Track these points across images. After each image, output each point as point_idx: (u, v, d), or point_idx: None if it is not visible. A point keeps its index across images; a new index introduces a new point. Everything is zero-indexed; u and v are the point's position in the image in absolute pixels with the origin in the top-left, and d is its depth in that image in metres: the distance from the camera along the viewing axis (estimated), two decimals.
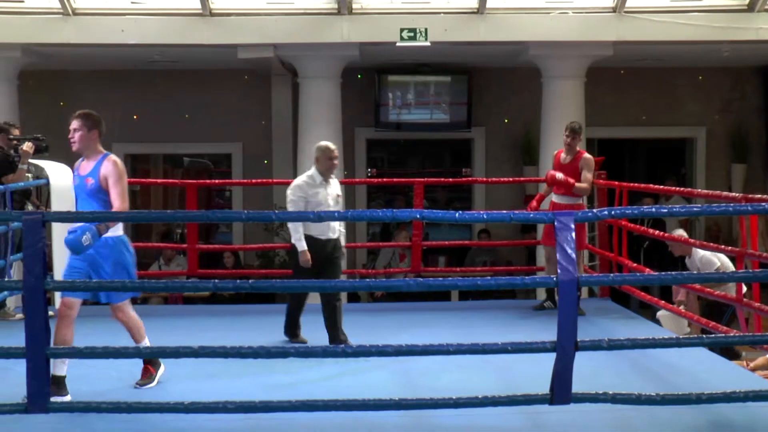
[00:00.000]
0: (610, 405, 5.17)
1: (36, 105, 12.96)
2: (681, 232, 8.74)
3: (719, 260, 8.49)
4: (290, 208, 7.22)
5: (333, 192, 7.32)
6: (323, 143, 7.44)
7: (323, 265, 7.11)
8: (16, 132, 8.62)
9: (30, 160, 8.52)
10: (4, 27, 11.04)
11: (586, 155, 8.85)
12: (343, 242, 7.51)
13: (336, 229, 7.26)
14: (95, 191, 5.67)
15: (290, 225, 7.22)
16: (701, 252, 8.48)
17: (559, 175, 8.63)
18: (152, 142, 14.28)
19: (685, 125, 14.25)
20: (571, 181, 8.59)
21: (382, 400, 5.05)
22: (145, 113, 13.91)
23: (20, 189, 8.40)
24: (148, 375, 5.83)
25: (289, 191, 7.31)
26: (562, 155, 8.91)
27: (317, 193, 7.19)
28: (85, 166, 5.78)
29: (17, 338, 5.07)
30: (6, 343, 5.29)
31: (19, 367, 4.95)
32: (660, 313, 8.92)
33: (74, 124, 5.76)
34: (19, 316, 7.91)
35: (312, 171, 7.31)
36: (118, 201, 5.66)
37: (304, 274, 6.86)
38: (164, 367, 5.90)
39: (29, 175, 8.59)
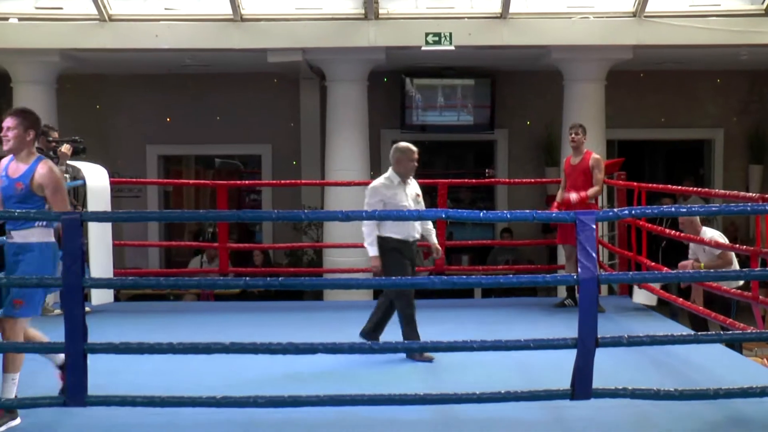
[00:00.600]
0: (630, 400, 5.16)
1: (73, 108, 13.06)
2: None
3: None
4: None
5: (412, 192, 7.03)
6: (404, 144, 7.13)
7: (412, 266, 6.93)
8: (55, 135, 8.68)
9: (68, 162, 8.59)
10: (44, 33, 11.13)
11: (595, 155, 8.86)
12: (434, 240, 7.23)
13: (417, 229, 6.94)
14: (26, 196, 5.10)
15: (364, 229, 6.89)
16: (709, 232, 8.34)
17: (573, 197, 8.63)
18: (184, 144, 14.35)
19: (703, 127, 14.18)
20: (584, 195, 8.60)
21: (407, 395, 5.07)
22: (178, 116, 13.99)
23: None
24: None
25: (367, 194, 7.02)
26: (572, 159, 8.93)
27: (395, 194, 6.92)
28: (15, 168, 5.15)
29: (56, 333, 5.11)
30: (46, 338, 5.35)
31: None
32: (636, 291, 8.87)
33: (9, 121, 5.17)
34: (58, 311, 7.98)
35: (389, 173, 7.03)
36: (62, 209, 5.13)
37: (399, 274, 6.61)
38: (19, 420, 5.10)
39: (67, 176, 8.64)
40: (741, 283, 7.61)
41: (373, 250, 6.78)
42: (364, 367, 6.18)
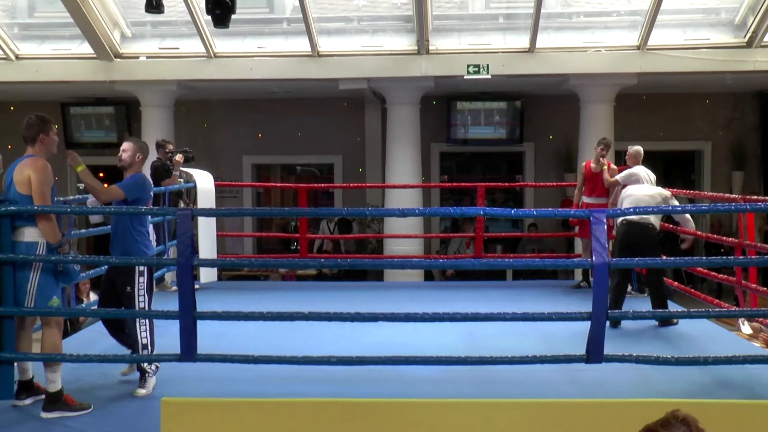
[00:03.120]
0: (634, 364, 5.09)
1: (187, 126, 13.25)
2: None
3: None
4: (674, 202, 7.08)
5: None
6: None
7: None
8: (170, 147, 8.82)
9: (181, 168, 8.72)
10: (165, 68, 11.31)
11: (612, 165, 8.78)
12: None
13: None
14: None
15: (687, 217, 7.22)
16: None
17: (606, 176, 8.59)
18: (272, 155, 14.45)
19: (694, 140, 13.93)
20: (612, 169, 8.60)
21: (452, 357, 5.07)
22: (267, 132, 14.10)
23: (175, 190, 8.62)
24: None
25: (668, 195, 7.10)
26: (592, 165, 8.81)
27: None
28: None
29: (172, 305, 5.19)
30: (164, 308, 5.46)
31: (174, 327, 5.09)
32: None
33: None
34: (174, 288, 8.11)
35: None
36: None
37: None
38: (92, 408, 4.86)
39: (181, 179, 8.78)
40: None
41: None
42: (416, 334, 6.20)
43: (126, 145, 5.37)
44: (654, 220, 6.90)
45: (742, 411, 4.03)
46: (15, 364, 4.95)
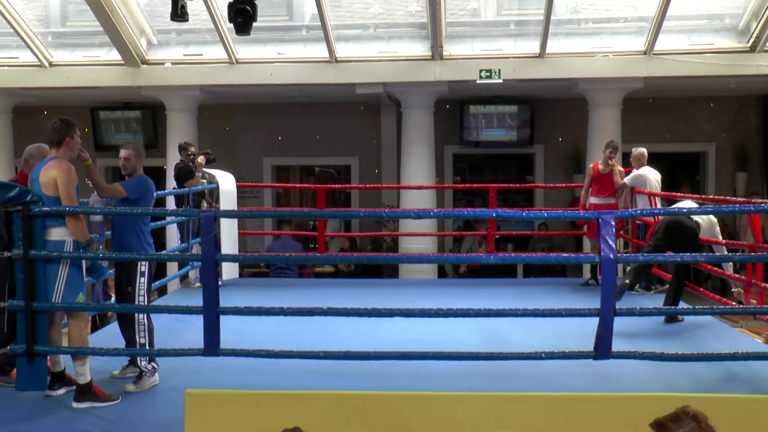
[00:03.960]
0: (641, 360, 5.05)
1: (209, 129, 13.29)
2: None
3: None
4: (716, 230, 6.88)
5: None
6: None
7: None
8: (192, 149, 8.85)
9: (204, 169, 8.74)
10: (189, 73, 11.34)
11: (618, 167, 8.75)
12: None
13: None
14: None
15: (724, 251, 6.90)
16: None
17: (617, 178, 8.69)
18: (292, 156, 14.46)
19: (699, 141, 13.80)
20: (620, 171, 8.75)
21: (465, 352, 5.05)
22: (287, 135, 14.11)
23: (198, 191, 8.64)
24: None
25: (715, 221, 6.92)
26: (600, 166, 8.77)
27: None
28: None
29: (196, 300, 5.20)
30: (188, 303, 5.47)
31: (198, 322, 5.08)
32: None
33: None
34: (197, 285, 8.14)
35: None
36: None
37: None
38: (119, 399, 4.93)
39: (204, 180, 8.80)
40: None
41: None
42: (431, 329, 6.17)
43: (125, 153, 5.37)
44: (702, 222, 6.73)
45: (748, 405, 4.00)
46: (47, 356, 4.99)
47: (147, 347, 5.20)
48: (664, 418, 2.31)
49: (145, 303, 5.24)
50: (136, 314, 5.20)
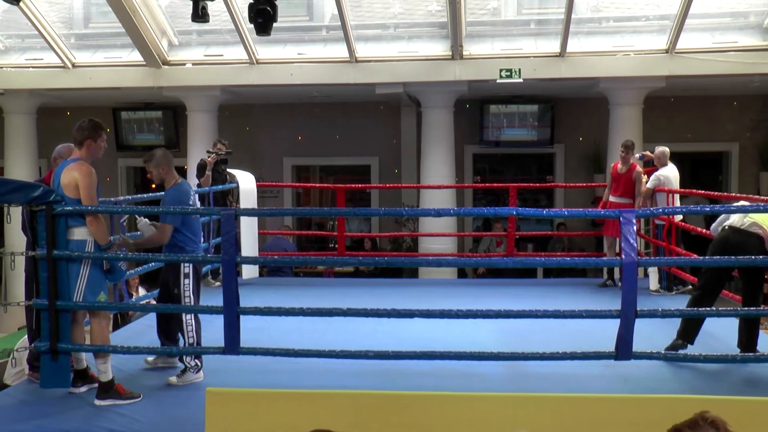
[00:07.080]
0: (662, 362, 5.01)
1: (229, 129, 13.33)
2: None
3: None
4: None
5: None
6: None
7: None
8: (220, 146, 8.90)
9: (228, 170, 8.80)
10: (209, 74, 11.42)
11: (638, 168, 8.70)
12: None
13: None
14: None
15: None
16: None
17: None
18: (312, 156, 14.49)
19: (722, 141, 13.65)
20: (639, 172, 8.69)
21: (485, 353, 5.04)
22: (307, 135, 14.15)
23: (220, 190, 8.69)
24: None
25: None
26: (619, 166, 8.76)
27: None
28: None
29: (216, 300, 5.23)
30: (208, 303, 5.49)
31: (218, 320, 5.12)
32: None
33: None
34: (217, 283, 8.17)
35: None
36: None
37: None
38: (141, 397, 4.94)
39: (226, 179, 8.85)
40: None
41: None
42: (450, 330, 6.16)
43: (148, 166, 5.34)
44: (761, 232, 5.71)
45: None
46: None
47: (196, 345, 5.25)
48: (682, 424, 2.26)
49: (192, 304, 5.26)
50: (183, 315, 5.25)
